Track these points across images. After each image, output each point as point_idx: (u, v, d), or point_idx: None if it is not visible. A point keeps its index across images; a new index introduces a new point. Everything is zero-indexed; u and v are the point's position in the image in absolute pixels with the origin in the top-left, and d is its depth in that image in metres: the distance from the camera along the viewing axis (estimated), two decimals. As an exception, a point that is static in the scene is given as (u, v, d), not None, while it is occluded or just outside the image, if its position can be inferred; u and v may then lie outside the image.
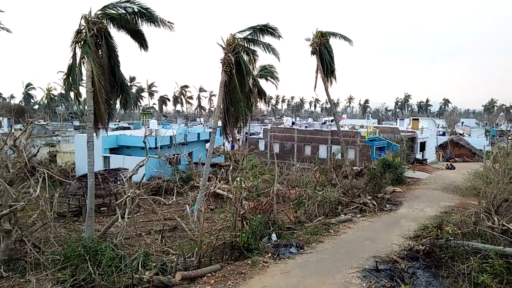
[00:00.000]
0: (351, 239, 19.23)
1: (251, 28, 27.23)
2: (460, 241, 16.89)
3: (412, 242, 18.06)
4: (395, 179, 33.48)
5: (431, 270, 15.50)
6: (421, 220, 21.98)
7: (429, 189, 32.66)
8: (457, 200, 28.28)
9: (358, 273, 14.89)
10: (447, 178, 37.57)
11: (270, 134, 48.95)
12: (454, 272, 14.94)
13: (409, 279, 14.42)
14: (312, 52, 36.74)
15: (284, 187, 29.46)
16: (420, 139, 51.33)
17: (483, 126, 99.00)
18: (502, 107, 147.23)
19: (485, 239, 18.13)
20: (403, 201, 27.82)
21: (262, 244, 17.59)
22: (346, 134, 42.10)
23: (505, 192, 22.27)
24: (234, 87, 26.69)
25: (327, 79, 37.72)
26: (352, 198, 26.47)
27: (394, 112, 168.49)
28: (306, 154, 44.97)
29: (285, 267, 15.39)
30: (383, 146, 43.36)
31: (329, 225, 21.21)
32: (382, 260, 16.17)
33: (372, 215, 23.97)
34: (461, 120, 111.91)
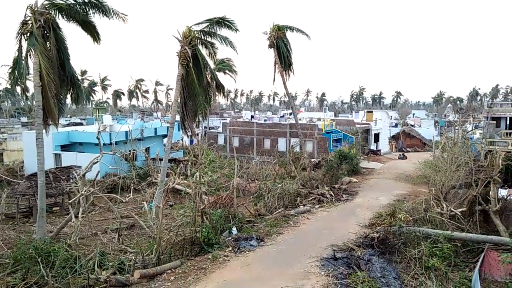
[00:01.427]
0: (310, 230, 19.63)
1: (208, 21, 26.89)
2: (412, 227, 17.77)
3: (367, 230, 18.73)
4: (351, 170, 34.50)
5: (385, 256, 16.18)
6: (375, 209, 22.79)
7: (383, 178, 33.93)
8: (409, 188, 29.58)
9: (317, 262, 15.24)
10: (400, 168, 39.18)
11: (230, 128, 48.84)
12: (407, 257, 15.72)
13: (365, 266, 14.95)
14: (270, 46, 36.89)
15: (244, 181, 29.55)
16: (374, 130, 53.15)
17: (432, 117, 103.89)
18: (449, 99, 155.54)
19: (435, 224, 19.18)
20: (359, 191, 28.74)
21: (222, 238, 17.57)
22: (304, 127, 42.80)
23: (452, 179, 23.60)
24: (191, 81, 26.31)
25: (285, 73, 38.04)
26: (311, 190, 27.02)
27: (350, 104, 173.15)
28: (266, 147, 45.32)
29: (246, 260, 15.47)
30: (339, 138, 44.52)
31: (288, 217, 21.53)
32: (339, 248, 16.64)
33: (329, 205, 24.58)
34: (412, 112, 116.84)
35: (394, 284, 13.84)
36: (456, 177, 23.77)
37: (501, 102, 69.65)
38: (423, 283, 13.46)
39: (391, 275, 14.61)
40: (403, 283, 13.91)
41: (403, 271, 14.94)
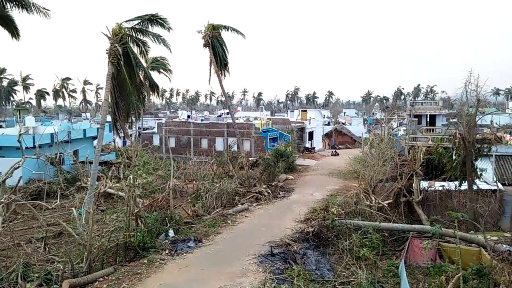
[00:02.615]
0: (248, 228, 19.78)
1: (139, 18, 25.97)
2: (344, 220, 18.61)
3: (303, 225, 19.29)
4: (287, 167, 35.31)
5: (319, 249, 16.78)
6: (310, 204, 23.53)
7: (317, 175, 35.14)
8: (341, 183, 30.89)
9: (255, 259, 15.40)
10: (333, 164, 40.83)
11: (165, 128, 47.71)
12: (339, 248, 16.45)
13: (301, 260, 15.40)
14: (205, 45, 36.53)
15: (181, 182, 29.02)
16: (309, 129, 54.93)
17: (361, 115, 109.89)
18: (377, 98, 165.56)
19: (365, 216, 20.26)
20: (295, 188, 29.49)
21: (159, 241, 17.11)
22: (242, 126, 43.06)
23: (380, 173, 25.10)
24: (123, 80, 25.24)
25: (221, 72, 37.89)
26: (249, 188, 27.22)
27: (286, 104, 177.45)
28: (203, 147, 44.91)
29: (184, 262, 15.21)
30: (276, 136, 45.39)
31: (227, 216, 21.52)
32: (276, 244, 16.96)
33: (267, 202, 24.95)
34: (344, 111, 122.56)
35: (328, 276, 14.41)
36: (383, 171, 25.31)
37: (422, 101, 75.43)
38: (354, 272, 14.15)
39: (325, 267, 15.19)
40: (336, 274, 14.53)
41: (336, 262, 15.60)
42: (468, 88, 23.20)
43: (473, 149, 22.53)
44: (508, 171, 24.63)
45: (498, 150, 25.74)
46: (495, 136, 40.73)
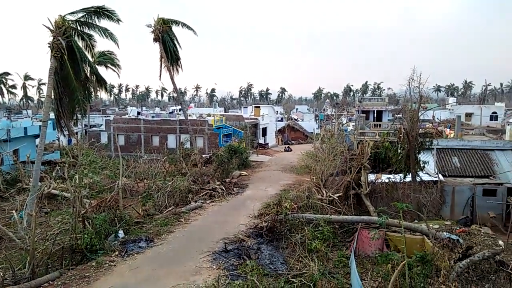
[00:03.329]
0: (201, 225, 19.59)
1: (84, 10, 24.77)
2: (297, 214, 18.93)
3: (257, 221, 19.41)
4: (241, 163, 35.36)
5: (273, 243, 16.97)
6: (264, 199, 23.75)
7: (270, 170, 35.51)
8: (294, 178, 31.45)
9: (209, 256, 15.30)
10: (286, 159, 41.46)
11: (114, 126, 45.99)
12: (292, 242, 16.70)
13: (255, 255, 15.49)
14: (155, 40, 35.56)
15: (132, 181, 28.16)
16: (262, 125, 55.31)
17: (313, 111, 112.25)
18: (328, 95, 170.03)
19: (316, 210, 20.72)
20: (249, 184, 29.61)
21: (108, 243, 16.51)
22: (194, 122, 42.46)
23: (330, 168, 25.76)
24: (67, 75, 23.99)
25: (172, 68, 37.09)
26: (202, 185, 26.96)
27: (239, 100, 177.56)
28: (154, 144, 43.82)
29: (134, 263, 14.78)
30: (229, 133, 45.25)
31: (179, 214, 21.18)
32: (230, 241, 16.94)
33: (221, 199, 24.84)
34: (296, 107, 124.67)
35: (281, 269, 14.60)
36: (334, 166, 26.02)
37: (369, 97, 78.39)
38: (306, 264, 14.44)
39: (279, 260, 15.39)
40: (289, 267, 14.76)
41: (289, 256, 15.85)
42: (412, 85, 24.37)
43: (416, 143, 23.71)
44: (448, 163, 26.18)
45: (439, 143, 27.27)
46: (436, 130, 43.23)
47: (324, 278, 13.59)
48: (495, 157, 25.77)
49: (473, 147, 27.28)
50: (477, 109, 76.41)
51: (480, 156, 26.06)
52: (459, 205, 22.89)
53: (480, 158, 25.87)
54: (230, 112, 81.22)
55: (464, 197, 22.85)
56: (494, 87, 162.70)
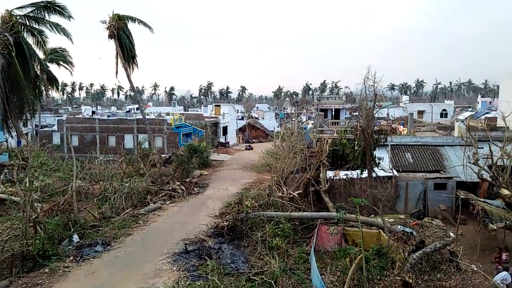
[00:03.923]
0: (161, 227, 19.20)
1: (34, 5, 23.67)
2: (258, 212, 18.99)
3: (218, 220, 19.27)
4: (201, 163, 35.00)
5: (234, 242, 16.94)
6: (225, 199, 23.63)
7: (231, 169, 35.42)
8: (255, 176, 31.53)
9: (169, 258, 15.02)
10: (247, 158, 41.50)
11: (67, 126, 44.08)
12: (253, 240, 16.74)
13: (216, 254, 15.40)
14: (110, 36, 34.50)
15: (87, 183, 27.12)
16: (223, 124, 55.07)
17: (273, 110, 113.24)
18: (287, 93, 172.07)
19: (277, 207, 20.88)
20: (210, 183, 29.37)
21: (62, 248, 15.82)
22: (153, 122, 41.55)
23: (290, 165, 26.06)
24: (15, 73, 22.83)
25: (128, 65, 36.16)
26: (161, 186, 26.42)
27: (199, 99, 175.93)
28: (111, 145, 42.41)
29: (90, 268, 14.26)
30: (189, 132, 44.67)
31: (138, 216, 20.65)
32: (191, 241, 16.73)
33: (181, 200, 24.47)
34: (256, 105, 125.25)
35: (243, 268, 14.60)
36: (294, 163, 26.34)
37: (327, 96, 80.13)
38: (267, 262, 14.52)
39: (240, 259, 15.39)
40: (251, 265, 14.79)
41: (250, 254, 15.87)
42: (367, 84, 25.11)
43: (371, 140, 24.47)
44: (402, 159, 27.24)
45: (393, 140, 28.30)
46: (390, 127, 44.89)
47: (285, 275, 13.75)
48: (445, 152, 27.10)
49: (424, 143, 28.54)
50: (428, 107, 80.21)
51: (431, 152, 27.32)
52: (412, 199, 23.88)
53: (431, 154, 27.12)
54: (190, 111, 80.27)
55: (417, 191, 23.86)
56: (444, 85, 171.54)
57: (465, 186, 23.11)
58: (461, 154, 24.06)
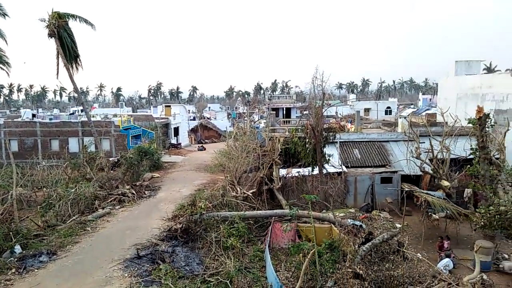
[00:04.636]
0: (111, 233, 18.49)
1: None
2: (212, 213, 18.83)
3: (171, 223, 18.88)
4: (152, 165, 34.17)
5: (188, 244, 16.67)
6: (178, 201, 23.23)
7: (184, 170, 34.89)
8: (208, 177, 31.27)
9: (120, 264, 14.50)
10: (199, 159, 41.06)
11: (4, 130, 41.23)
12: (208, 241, 16.57)
13: (170, 258, 15.06)
14: (50, 35, 32.70)
15: (29, 190, 25.53)
16: (174, 124, 54.09)
17: (225, 110, 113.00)
18: (239, 93, 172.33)
19: (231, 207, 20.82)
20: (162, 185, 28.73)
21: (2, 260, 14.78)
22: (99, 124, 39.95)
23: (244, 165, 26.08)
24: None
25: (71, 65, 34.47)
26: (110, 191, 25.47)
27: (148, 99, 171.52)
28: (54, 149, 40.22)
29: (35, 279, 13.43)
30: (138, 134, 43.44)
31: (85, 223, 19.77)
32: (143, 246, 16.25)
33: (132, 204, 23.73)
34: (208, 105, 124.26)
35: (198, 270, 14.40)
36: (247, 163, 26.39)
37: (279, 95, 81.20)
38: (222, 262, 14.44)
39: (195, 261, 15.16)
40: (206, 266, 14.62)
41: (205, 255, 15.70)
42: (315, 83, 25.70)
43: (321, 137, 25.09)
44: (350, 155, 28.16)
45: (342, 137, 29.17)
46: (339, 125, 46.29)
47: (241, 274, 13.73)
48: (390, 147, 28.36)
49: (371, 139, 29.69)
50: (374, 104, 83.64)
51: (377, 148, 28.49)
52: (361, 193, 24.75)
53: (378, 149, 28.28)
54: (139, 112, 78.08)
55: (365, 186, 24.77)
56: (388, 84, 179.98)
57: (409, 179, 24.32)
58: (405, 149, 25.34)
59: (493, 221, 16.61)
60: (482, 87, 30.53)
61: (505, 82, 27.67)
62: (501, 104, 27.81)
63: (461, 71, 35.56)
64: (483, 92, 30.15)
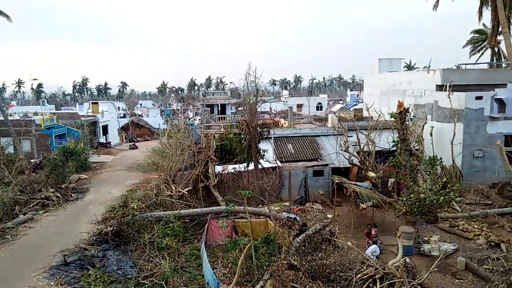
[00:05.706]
0: (34, 240, 17.17)
1: None
2: (145, 213, 18.23)
3: (101, 226, 18.00)
4: (79, 166, 32.22)
5: (121, 247, 16.01)
6: (109, 203, 22.18)
7: (115, 171, 33.39)
8: (141, 177, 30.22)
9: (45, 273, 13.55)
10: (131, 158, 39.52)
11: None
12: (142, 243, 16.02)
13: (100, 262, 14.35)
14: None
15: None
16: (102, 122, 51.45)
17: (158, 106, 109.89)
18: (172, 89, 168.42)
19: (166, 206, 20.35)
20: (90, 187, 27.25)
21: None
22: (18, 123, 36.80)
23: (178, 163, 25.56)
24: None
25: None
26: (32, 195, 23.58)
27: (73, 96, 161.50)
28: (-35, 152, 36.32)
29: None
30: (63, 133, 40.68)
31: (4, 231, 18.15)
32: (71, 252, 15.32)
33: (57, 208, 22.20)
34: (140, 102, 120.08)
35: (131, 272, 13.88)
36: (182, 160, 25.90)
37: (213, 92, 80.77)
38: (157, 263, 14.05)
39: (128, 264, 14.60)
40: (139, 269, 14.13)
41: (139, 258, 15.16)
42: (248, 80, 25.89)
43: (256, 133, 25.38)
44: (284, 150, 28.83)
45: (276, 132, 29.75)
46: (273, 121, 47.20)
47: (176, 274, 13.46)
48: (321, 142, 29.49)
49: (303, 134, 30.62)
50: (306, 100, 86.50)
51: (310, 142, 29.47)
52: (295, 186, 25.47)
53: (310, 144, 29.25)
54: (63, 110, 73.28)
55: (298, 179, 25.52)
56: (319, 80, 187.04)
57: (339, 171, 25.48)
58: (335, 142, 26.48)
59: (414, 207, 18.03)
60: (402, 83, 32.81)
61: (423, 79, 29.97)
62: (419, 99, 30.11)
63: (384, 68, 37.88)
64: (403, 88, 32.41)
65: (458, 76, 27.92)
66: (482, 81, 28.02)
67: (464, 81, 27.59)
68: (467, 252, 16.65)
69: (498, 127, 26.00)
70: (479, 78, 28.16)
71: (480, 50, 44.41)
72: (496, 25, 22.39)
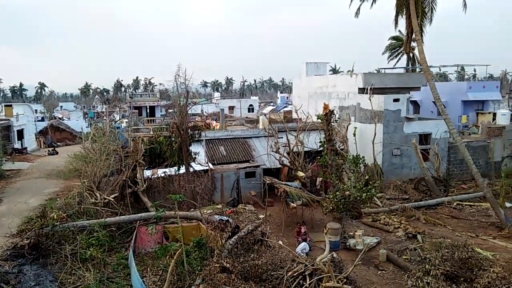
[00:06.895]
0: None
1: None
2: (66, 223, 17.00)
3: (16, 239, 16.46)
4: (-9, 174, 29.29)
5: (39, 261, 14.78)
6: (25, 213, 20.34)
7: (32, 178, 30.80)
8: (62, 184, 28.23)
9: None
10: (51, 164, 36.76)
11: None
12: (63, 255, 14.92)
13: (15, 279, 13.12)
14: None
15: None
16: (17, 126, 47.23)
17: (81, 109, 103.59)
18: (97, 90, 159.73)
19: (90, 215, 19.15)
20: (3, 197, 24.83)
21: None
22: None
23: (104, 168, 24.21)
24: None
25: None
26: None
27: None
28: None
29: None
30: (-30, 138, 36.71)
31: None
32: (-21, 270, 13.77)
33: (-38, 222, 19.88)
34: (60, 104, 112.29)
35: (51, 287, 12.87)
36: (107, 165, 24.58)
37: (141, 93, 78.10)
38: (81, 276, 13.17)
39: (47, 279, 13.52)
40: (61, 282, 13.13)
41: (60, 271, 14.09)
42: (178, 81, 25.38)
43: (187, 136, 24.95)
44: (216, 152, 28.68)
45: (207, 135, 29.49)
46: (204, 123, 46.87)
47: (102, 286, 12.72)
48: (253, 143, 29.81)
49: (235, 136, 30.73)
50: (237, 102, 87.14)
51: (242, 144, 29.63)
52: (227, 189, 25.43)
53: (242, 146, 29.42)
54: (-30, 113, 66.06)
55: (231, 181, 25.52)
56: (250, 83, 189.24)
57: (270, 172, 25.93)
58: (266, 144, 26.93)
59: (340, 204, 18.91)
60: (328, 86, 34.34)
61: (346, 82, 31.63)
62: (343, 101, 31.72)
63: (311, 72, 39.37)
64: (329, 91, 33.94)
65: (378, 80, 29.87)
66: (399, 84, 30.31)
67: (383, 84, 29.59)
68: (388, 244, 17.81)
69: (413, 127, 28.27)
70: (396, 82, 30.43)
71: (397, 55, 47.99)
72: (410, 32, 24.29)
